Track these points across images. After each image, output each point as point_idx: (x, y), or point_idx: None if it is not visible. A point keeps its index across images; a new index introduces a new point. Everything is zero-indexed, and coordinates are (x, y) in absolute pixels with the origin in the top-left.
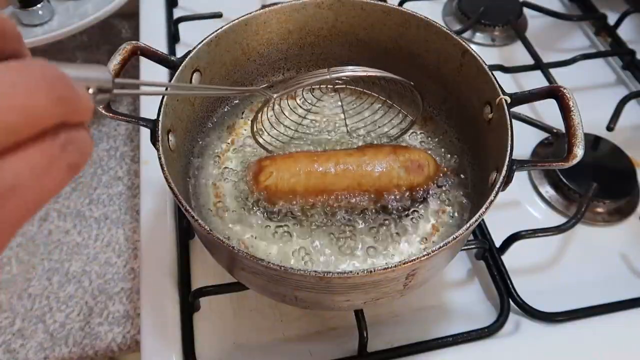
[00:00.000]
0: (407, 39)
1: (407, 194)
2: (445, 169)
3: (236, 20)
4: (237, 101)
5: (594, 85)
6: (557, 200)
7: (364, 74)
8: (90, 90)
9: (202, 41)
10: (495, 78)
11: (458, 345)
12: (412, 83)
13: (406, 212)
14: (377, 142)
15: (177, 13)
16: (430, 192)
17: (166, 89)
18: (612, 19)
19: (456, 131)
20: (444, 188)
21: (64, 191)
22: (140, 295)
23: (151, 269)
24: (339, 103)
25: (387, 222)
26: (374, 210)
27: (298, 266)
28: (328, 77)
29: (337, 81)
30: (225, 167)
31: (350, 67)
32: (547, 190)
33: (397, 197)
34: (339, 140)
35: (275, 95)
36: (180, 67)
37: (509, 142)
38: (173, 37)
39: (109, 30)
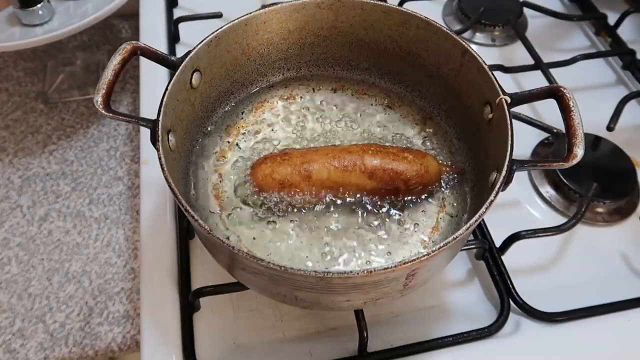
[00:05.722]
0: (407, 39)
1: (409, 194)
2: (445, 169)
3: (236, 20)
4: (236, 102)
5: (594, 85)
6: (557, 200)
7: None
8: None
9: (202, 41)
10: (495, 78)
11: (458, 345)
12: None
13: (407, 212)
14: None
15: (177, 13)
16: (431, 192)
17: None
18: (612, 19)
19: (456, 131)
20: (444, 188)
21: (64, 191)
22: (140, 295)
23: (151, 269)
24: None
25: (387, 221)
26: (374, 210)
27: (298, 266)
28: None
29: None
30: (225, 167)
31: None
32: (547, 190)
33: (399, 197)
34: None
35: None
36: (180, 67)
37: (509, 142)
38: (173, 37)
39: (109, 30)
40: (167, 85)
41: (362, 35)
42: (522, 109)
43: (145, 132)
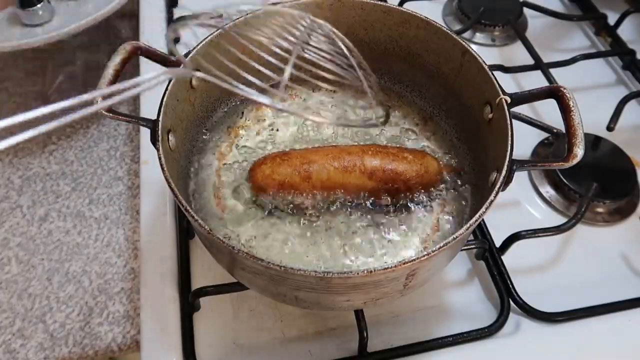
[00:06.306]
0: (407, 39)
1: (409, 194)
2: (445, 169)
3: (236, 20)
4: (237, 101)
5: (594, 85)
6: (557, 200)
7: None
8: None
9: (202, 41)
10: (495, 78)
11: (458, 345)
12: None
13: (407, 212)
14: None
15: (177, 13)
16: (431, 192)
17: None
18: (612, 19)
19: (456, 131)
20: (444, 188)
21: (64, 191)
22: (140, 295)
23: (151, 269)
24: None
25: (387, 222)
26: (374, 210)
27: (298, 266)
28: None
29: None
30: (225, 167)
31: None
32: (547, 190)
33: (399, 197)
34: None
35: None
36: (181, 67)
37: (509, 142)
38: (173, 37)
39: (109, 30)
40: (167, 85)
41: (362, 35)
42: (522, 109)
43: (145, 132)
